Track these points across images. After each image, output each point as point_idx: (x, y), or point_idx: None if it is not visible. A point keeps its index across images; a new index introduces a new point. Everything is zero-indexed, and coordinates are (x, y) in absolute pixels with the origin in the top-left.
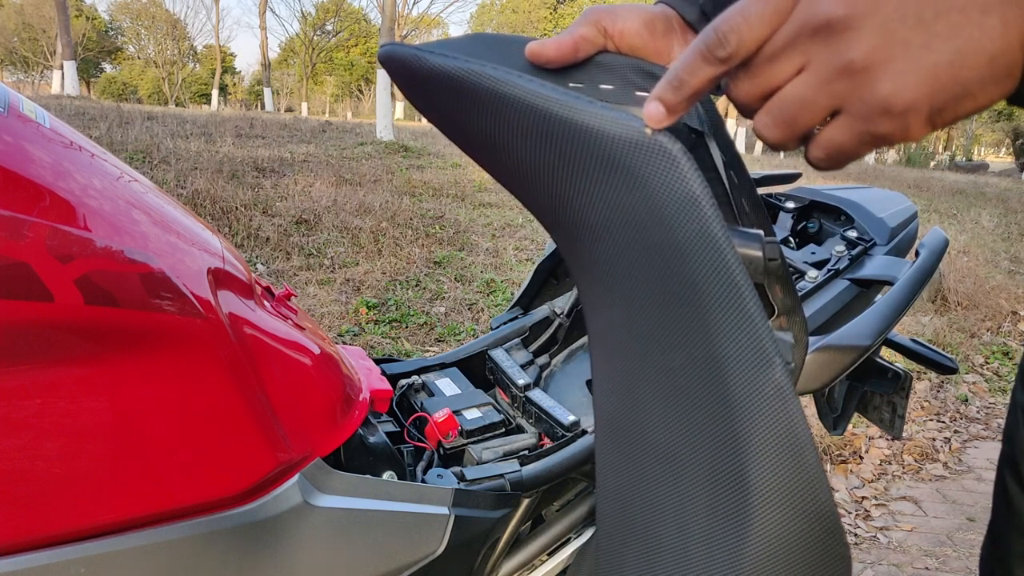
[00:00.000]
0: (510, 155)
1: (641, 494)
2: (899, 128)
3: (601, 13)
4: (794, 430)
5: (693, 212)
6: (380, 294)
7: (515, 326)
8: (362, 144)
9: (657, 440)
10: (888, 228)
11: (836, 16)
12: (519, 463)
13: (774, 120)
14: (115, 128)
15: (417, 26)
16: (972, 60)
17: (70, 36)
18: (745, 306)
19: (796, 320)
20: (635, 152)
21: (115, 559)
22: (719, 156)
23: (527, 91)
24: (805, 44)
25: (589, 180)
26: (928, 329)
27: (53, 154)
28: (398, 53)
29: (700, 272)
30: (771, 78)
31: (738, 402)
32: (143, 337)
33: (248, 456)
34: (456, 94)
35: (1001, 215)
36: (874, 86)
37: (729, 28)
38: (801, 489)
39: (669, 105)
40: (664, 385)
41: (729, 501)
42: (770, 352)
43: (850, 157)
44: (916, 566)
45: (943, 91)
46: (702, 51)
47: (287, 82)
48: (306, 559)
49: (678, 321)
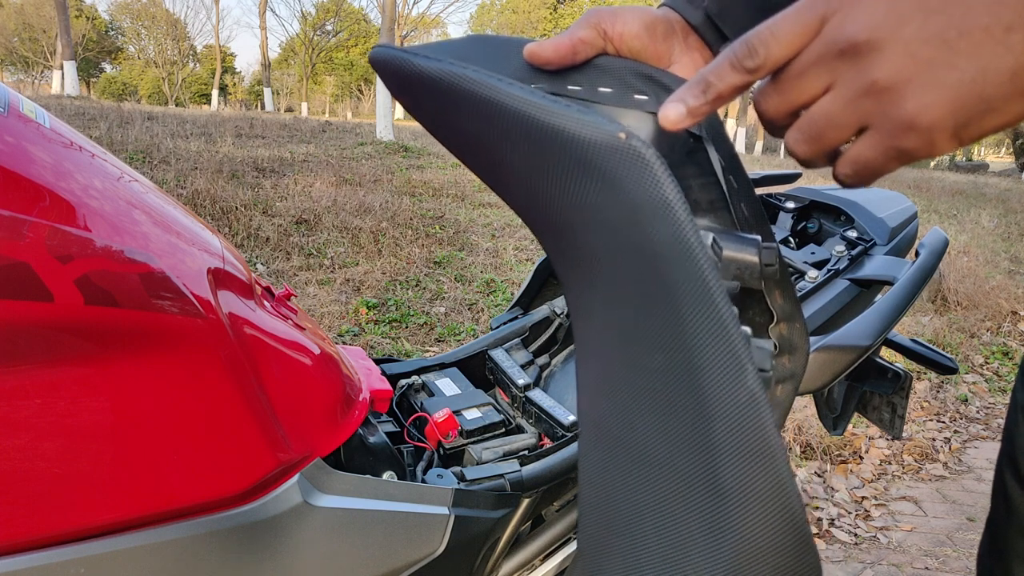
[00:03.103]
0: (494, 157)
1: (621, 497)
2: (925, 144)
3: (601, 15)
4: (767, 439)
5: (666, 216)
6: (380, 294)
7: (515, 326)
8: (362, 144)
9: (636, 442)
10: (888, 228)
11: (860, 39)
12: (519, 463)
13: (804, 136)
14: (115, 128)
15: (417, 26)
16: (995, 77)
17: (70, 36)
18: (718, 312)
19: (797, 327)
20: (610, 156)
21: (115, 559)
22: (718, 161)
23: (507, 94)
24: (832, 64)
25: (568, 182)
26: (928, 329)
27: (53, 154)
28: (387, 56)
29: (674, 276)
30: (799, 95)
31: (712, 408)
32: (143, 337)
33: (248, 456)
34: (441, 97)
35: (1001, 215)
36: (899, 104)
37: (759, 41)
38: (773, 498)
39: (691, 108)
40: (643, 387)
41: (703, 508)
42: (743, 360)
43: (877, 173)
44: (916, 566)
45: (967, 107)
46: (731, 59)
47: (287, 82)
48: (306, 559)
49: (655, 324)
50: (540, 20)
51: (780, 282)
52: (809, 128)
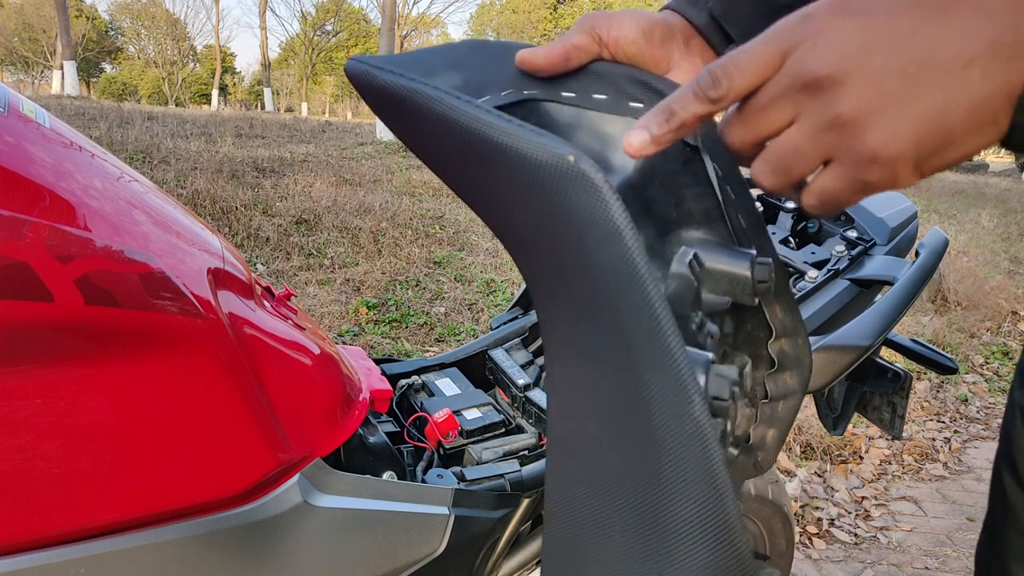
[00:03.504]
0: (454, 171)
1: (579, 515)
2: (889, 176)
3: (597, 20)
4: (712, 472)
5: (615, 241)
6: (380, 294)
7: (515, 326)
8: (362, 144)
9: (592, 464)
10: (888, 228)
11: (823, 73)
12: (519, 463)
13: (770, 168)
14: (115, 128)
15: (417, 26)
16: (955, 110)
17: (70, 36)
18: (665, 340)
19: (799, 342)
20: (559, 178)
21: (115, 559)
22: (714, 171)
23: (462, 112)
24: (796, 97)
25: (522, 201)
26: (928, 329)
27: (53, 154)
28: (357, 69)
29: (620, 301)
30: (764, 127)
31: (659, 436)
32: (143, 337)
33: (248, 456)
34: (406, 111)
35: (1001, 215)
36: (862, 137)
37: (723, 72)
38: (717, 534)
39: (654, 135)
40: (597, 408)
41: (650, 538)
42: (690, 389)
43: (843, 204)
44: (916, 566)
45: (929, 140)
46: (695, 89)
47: (287, 82)
48: (306, 559)
49: (607, 347)
50: (540, 20)
51: (780, 297)
52: (775, 160)
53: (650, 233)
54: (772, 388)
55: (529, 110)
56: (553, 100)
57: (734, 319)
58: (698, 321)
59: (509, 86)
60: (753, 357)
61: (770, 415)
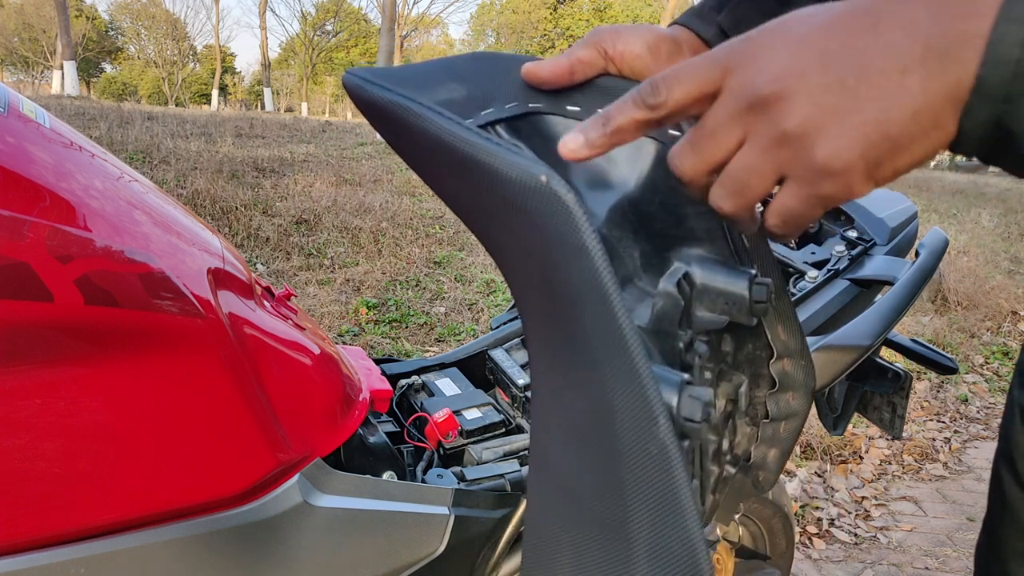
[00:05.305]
0: (441, 183)
1: (553, 527)
2: (843, 187)
3: (603, 34)
4: (676, 495)
5: (583, 261)
6: (380, 294)
7: (515, 326)
8: (362, 144)
9: (563, 476)
10: (888, 228)
11: (766, 91)
12: (519, 463)
13: (727, 191)
14: (115, 128)
15: (417, 26)
16: (897, 117)
17: (70, 36)
18: (632, 361)
19: (801, 364)
20: (531, 197)
21: (115, 559)
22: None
23: (443, 128)
24: (743, 118)
25: (501, 215)
26: (928, 329)
27: (53, 154)
28: (350, 82)
29: (590, 320)
30: (715, 151)
31: (624, 456)
32: (143, 337)
33: (248, 456)
34: (392, 124)
35: (1001, 215)
36: (811, 151)
37: (663, 82)
38: (681, 557)
39: (590, 139)
40: (568, 422)
41: (616, 556)
42: (656, 411)
43: (804, 221)
44: (916, 566)
45: (875, 149)
46: (634, 96)
47: (287, 82)
48: (306, 559)
49: (576, 363)
50: (540, 20)
51: (783, 317)
52: (731, 183)
53: (648, 249)
54: (773, 408)
55: (533, 123)
56: (558, 113)
57: (735, 338)
58: (686, 340)
59: (514, 98)
60: (754, 376)
61: (772, 435)
